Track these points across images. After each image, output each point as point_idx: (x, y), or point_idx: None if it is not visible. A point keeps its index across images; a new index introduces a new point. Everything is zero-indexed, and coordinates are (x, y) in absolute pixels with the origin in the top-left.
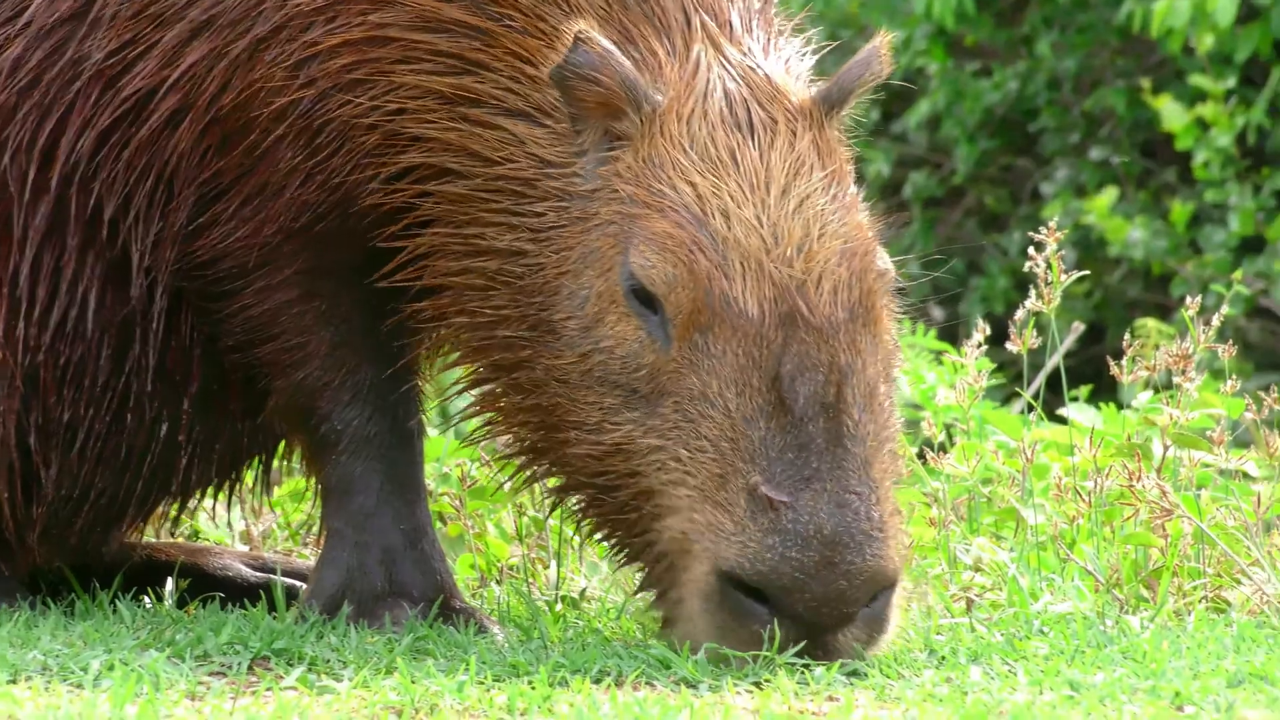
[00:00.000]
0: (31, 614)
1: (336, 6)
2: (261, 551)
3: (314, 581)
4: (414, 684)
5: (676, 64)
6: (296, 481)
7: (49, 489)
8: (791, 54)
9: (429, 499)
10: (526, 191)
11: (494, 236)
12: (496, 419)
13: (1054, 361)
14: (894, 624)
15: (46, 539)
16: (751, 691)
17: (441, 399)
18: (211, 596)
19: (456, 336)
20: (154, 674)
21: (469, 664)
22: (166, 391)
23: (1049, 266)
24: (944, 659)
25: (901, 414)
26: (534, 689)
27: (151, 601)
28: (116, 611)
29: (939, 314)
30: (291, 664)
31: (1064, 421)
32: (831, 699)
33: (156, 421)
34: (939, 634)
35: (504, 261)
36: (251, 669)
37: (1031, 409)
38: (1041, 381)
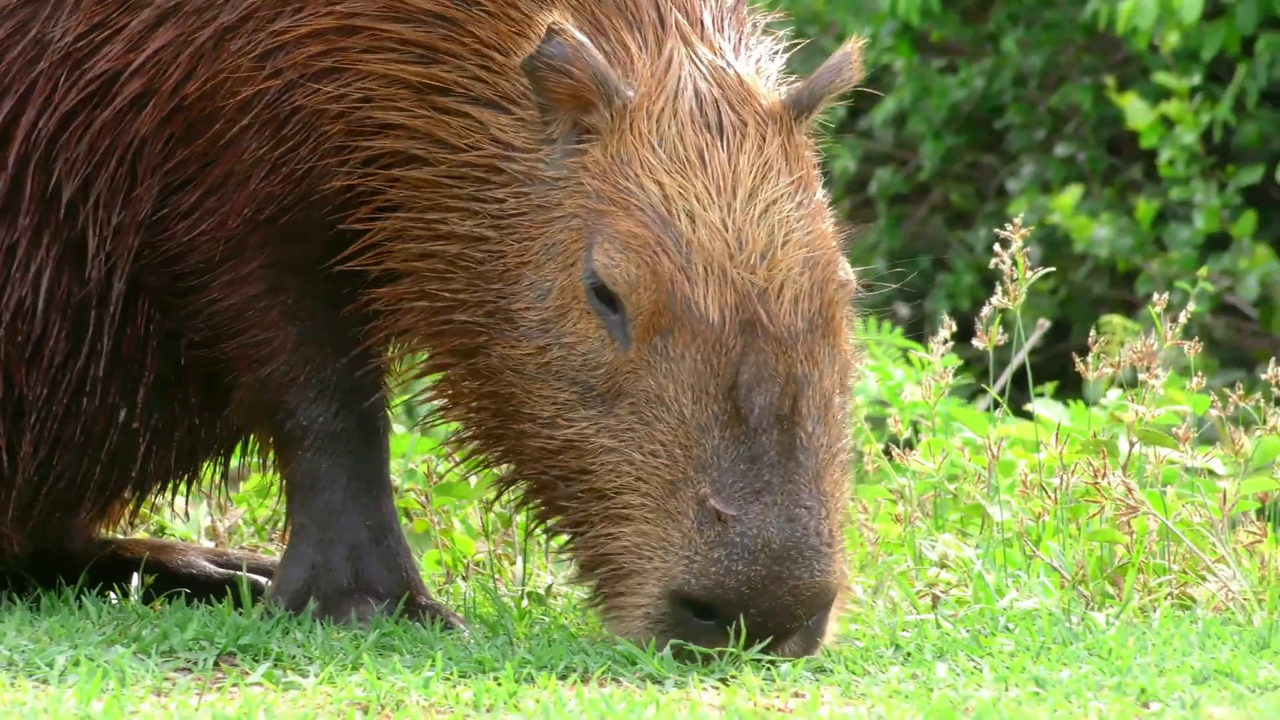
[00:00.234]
0: None
1: None
2: (226, 547)
3: (279, 577)
4: (380, 680)
5: (649, 59)
6: (262, 477)
7: (17, 471)
8: (763, 54)
9: (395, 495)
10: (490, 177)
11: (456, 222)
12: (451, 404)
13: (1020, 358)
14: (830, 634)
15: (4, 523)
16: (717, 688)
17: (407, 396)
18: (177, 593)
19: (415, 323)
20: (120, 670)
21: (435, 660)
22: (124, 378)
23: (1014, 263)
24: (910, 655)
25: (867, 411)
26: (500, 685)
27: (117, 597)
28: (82, 607)
29: (905, 311)
30: (257, 660)
31: (1030, 418)
32: (797, 695)
33: (115, 407)
34: (905, 630)
35: (464, 246)
36: (217, 665)
37: (997, 406)
38: (1007, 378)
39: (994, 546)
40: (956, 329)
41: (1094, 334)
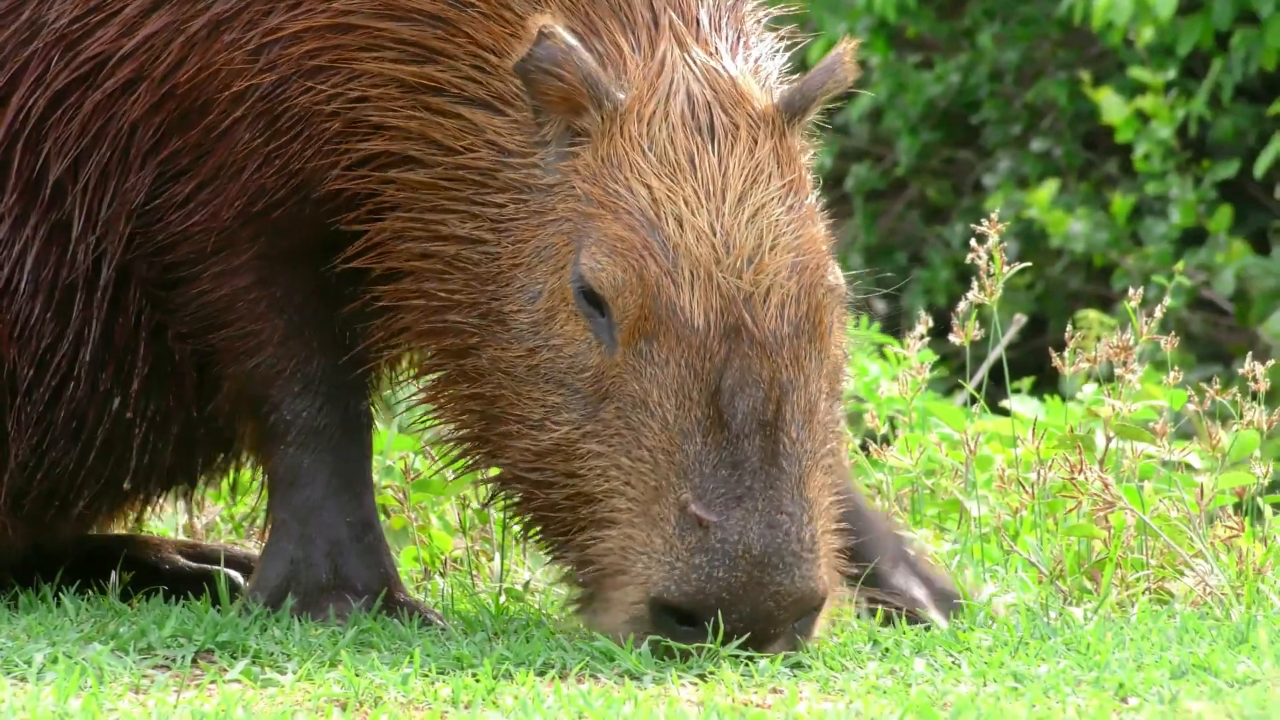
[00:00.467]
0: None
1: None
2: (201, 541)
3: (258, 573)
4: (358, 677)
5: (641, 61)
6: (239, 473)
7: (8, 454)
8: (762, 54)
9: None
10: (486, 181)
11: (455, 224)
12: (442, 405)
13: (996, 353)
14: (816, 634)
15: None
16: (696, 684)
17: (389, 393)
18: (155, 589)
19: (412, 322)
20: (98, 667)
21: (413, 657)
22: (116, 367)
23: (991, 258)
24: (888, 651)
25: (845, 408)
26: (478, 681)
27: (94, 594)
28: (60, 604)
29: (882, 306)
30: (235, 657)
31: (1007, 413)
32: (775, 691)
33: (107, 395)
34: (883, 626)
35: (462, 247)
36: (195, 662)
37: (974, 401)
38: (984, 373)
39: (972, 541)
40: (933, 324)
41: (1070, 329)
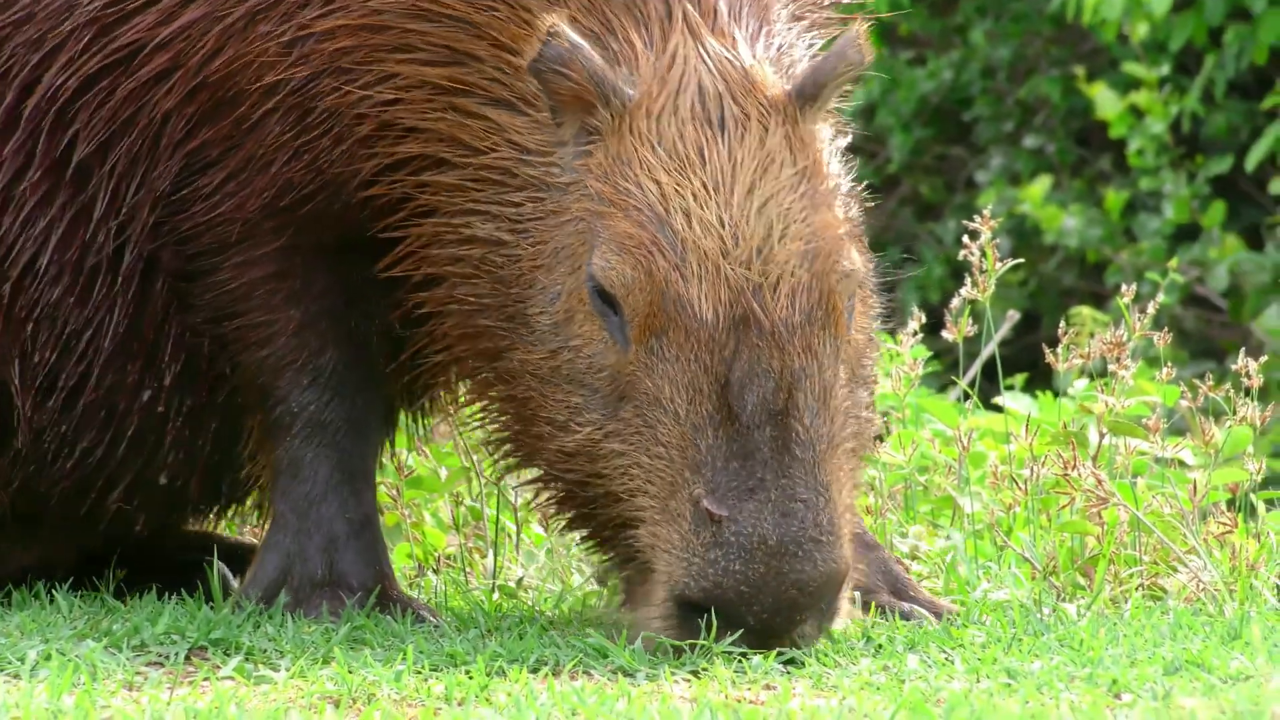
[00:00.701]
0: None
1: None
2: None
3: (255, 566)
4: (351, 674)
5: (653, 56)
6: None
7: (24, 433)
8: (787, 42)
9: None
10: (507, 181)
11: (478, 225)
12: (484, 408)
13: (989, 350)
14: (845, 611)
15: (30, 495)
16: (689, 680)
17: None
18: (149, 586)
19: (451, 328)
20: (91, 664)
21: (406, 654)
22: (145, 360)
23: (984, 255)
24: (881, 647)
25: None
26: (471, 678)
27: (89, 591)
28: (54, 602)
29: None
30: (229, 654)
31: (1000, 410)
32: (768, 687)
33: (137, 386)
34: (876, 622)
35: (487, 250)
36: (189, 659)
37: (967, 397)
38: (977, 370)
39: (965, 538)
40: (926, 321)
41: (1064, 325)
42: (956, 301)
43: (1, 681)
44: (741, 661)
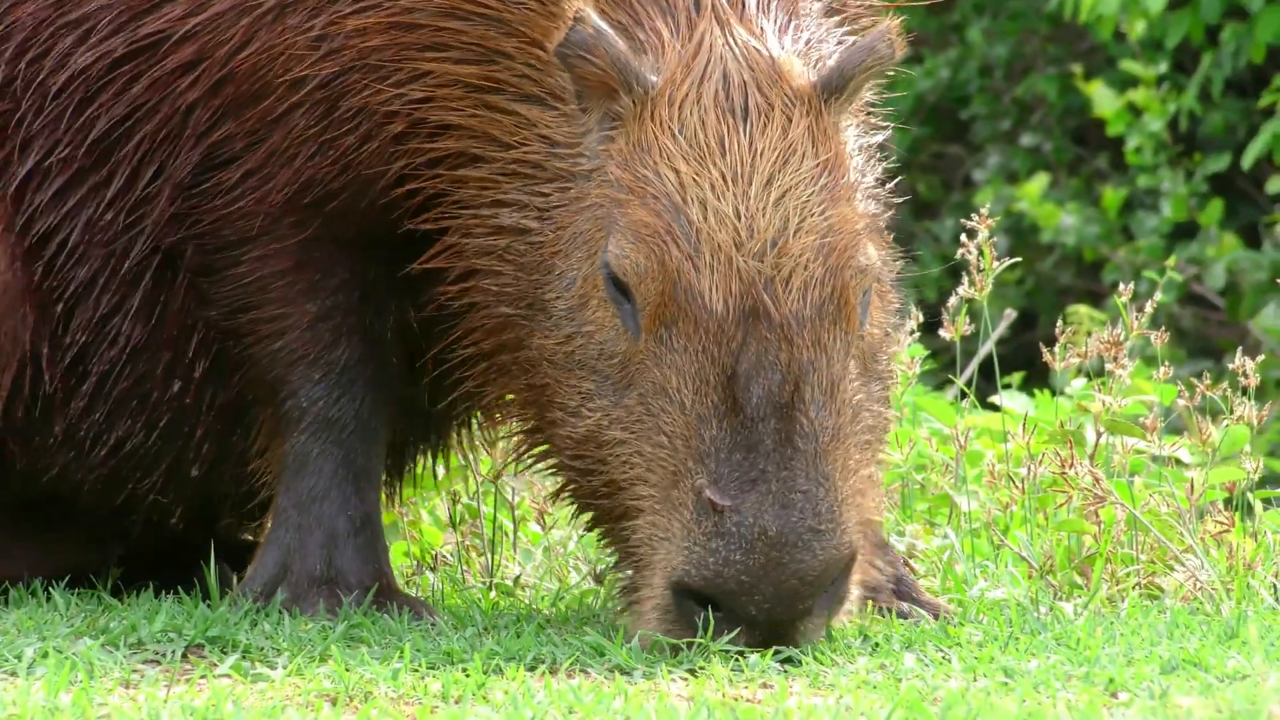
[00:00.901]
0: None
1: None
2: None
3: (256, 561)
4: (348, 672)
5: (679, 45)
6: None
7: (59, 419)
8: (817, 36)
9: None
10: (536, 174)
11: (506, 216)
12: (511, 398)
13: (987, 348)
14: (855, 594)
15: (70, 481)
16: (686, 679)
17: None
18: (146, 584)
19: (478, 323)
20: (88, 662)
21: (403, 652)
22: (174, 352)
23: (981, 253)
24: (878, 646)
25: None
26: (468, 676)
27: (86, 589)
28: (50, 599)
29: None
30: (225, 652)
31: (997, 408)
32: (765, 686)
33: (168, 378)
34: (874, 621)
35: (512, 239)
36: (185, 657)
37: (964, 396)
38: (974, 368)
39: (962, 537)
40: (923, 319)
41: (1061, 324)
42: (954, 300)
43: None
44: (739, 660)
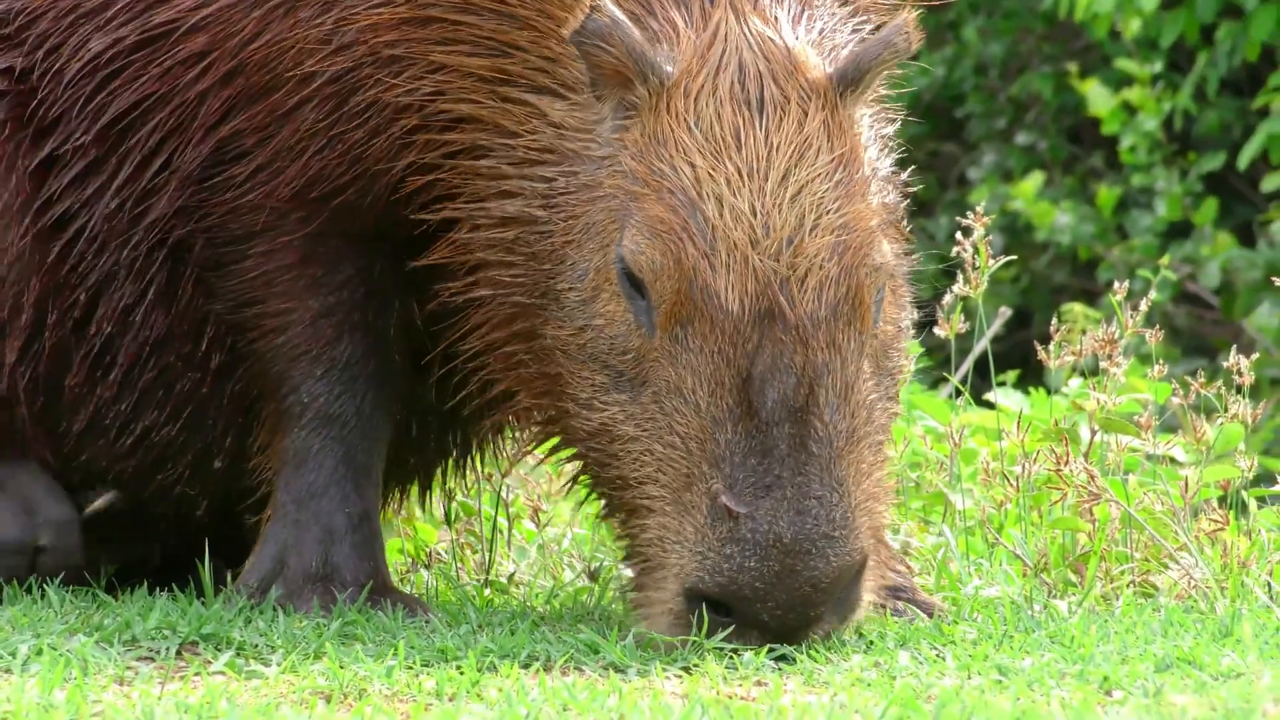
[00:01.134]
0: None
1: None
2: None
3: (254, 557)
4: (342, 669)
5: (694, 35)
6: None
7: (78, 404)
8: (830, 26)
9: None
10: (544, 158)
11: (511, 205)
12: (520, 390)
13: (981, 346)
14: (864, 600)
15: (97, 474)
16: (680, 677)
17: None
18: (140, 581)
19: (487, 317)
20: (82, 659)
21: (397, 649)
22: (195, 344)
23: (976, 251)
24: (872, 644)
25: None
26: (462, 674)
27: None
28: (45, 596)
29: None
30: (220, 649)
31: (991, 406)
32: (760, 684)
33: (186, 369)
34: (868, 619)
35: (521, 229)
36: (180, 654)
37: (959, 394)
38: (969, 366)
39: (956, 534)
40: (918, 317)
41: (1056, 322)
42: (949, 298)
43: None
44: (733, 658)
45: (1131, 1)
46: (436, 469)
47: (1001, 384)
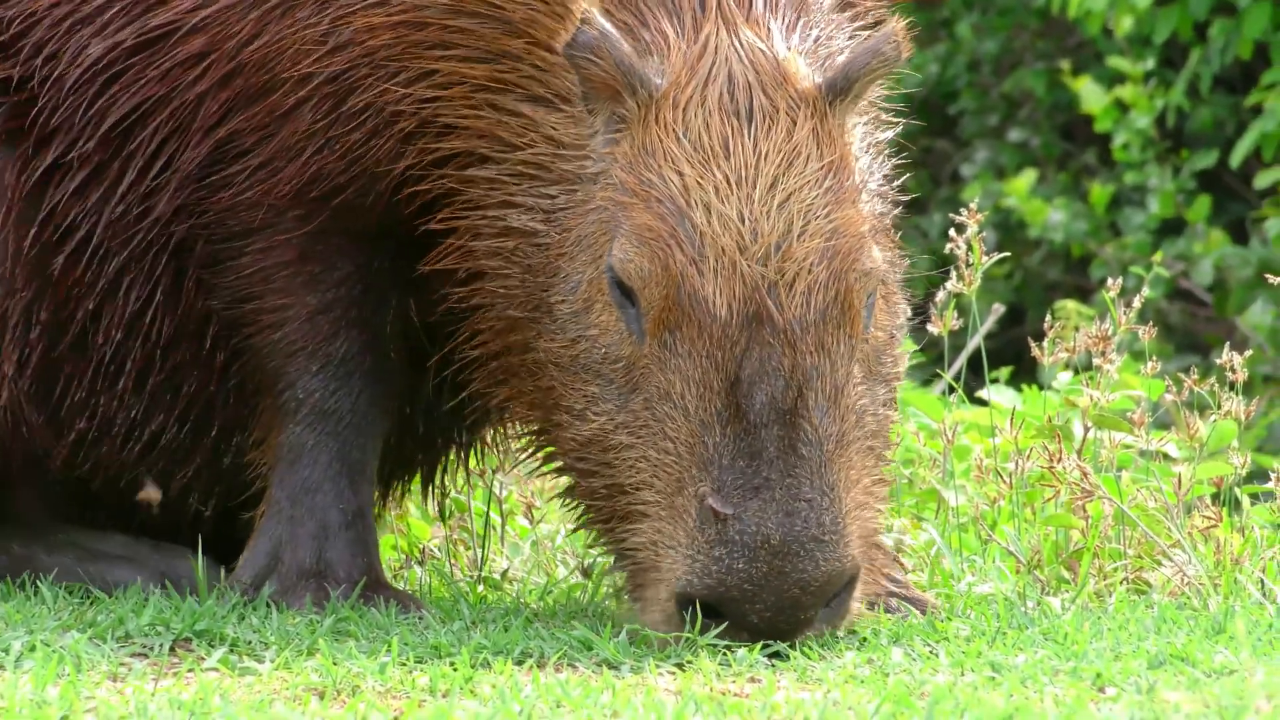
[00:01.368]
0: None
1: None
2: None
3: (248, 552)
4: (336, 665)
5: (684, 46)
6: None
7: (86, 411)
8: (826, 33)
9: None
10: (542, 175)
11: (514, 218)
12: (514, 400)
13: (975, 343)
14: (855, 609)
15: (80, 466)
16: (674, 673)
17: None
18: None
19: (486, 325)
20: (76, 655)
21: (391, 645)
22: (197, 343)
23: (969, 248)
24: (865, 640)
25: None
26: (456, 670)
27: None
28: (38, 593)
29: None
30: (213, 645)
31: (985, 403)
32: (753, 680)
33: (192, 369)
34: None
35: (520, 241)
36: (173, 650)
37: (952, 390)
38: (962, 363)
39: (950, 531)
40: (911, 314)
41: (1049, 319)
42: (942, 295)
43: None
44: (726, 655)
45: None
46: (440, 463)
47: (994, 381)
